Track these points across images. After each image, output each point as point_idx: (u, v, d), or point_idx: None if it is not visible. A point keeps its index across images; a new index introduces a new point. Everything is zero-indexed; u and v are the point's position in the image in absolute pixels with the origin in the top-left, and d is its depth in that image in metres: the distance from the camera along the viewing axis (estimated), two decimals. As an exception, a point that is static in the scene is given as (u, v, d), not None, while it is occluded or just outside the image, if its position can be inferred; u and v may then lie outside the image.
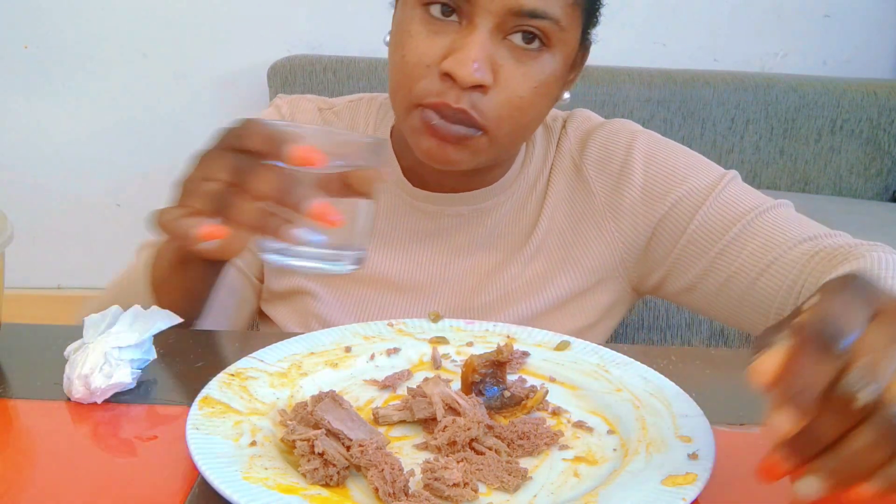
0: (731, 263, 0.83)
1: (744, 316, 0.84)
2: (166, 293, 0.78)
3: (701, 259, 0.85)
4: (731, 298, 0.84)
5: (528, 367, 0.69)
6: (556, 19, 0.75)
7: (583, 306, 0.90)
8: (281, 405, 0.61)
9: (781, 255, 0.81)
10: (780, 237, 0.82)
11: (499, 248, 0.90)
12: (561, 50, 0.78)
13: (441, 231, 0.89)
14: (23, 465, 0.56)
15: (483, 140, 0.77)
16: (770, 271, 0.81)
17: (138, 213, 2.66)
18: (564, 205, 0.90)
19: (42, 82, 2.28)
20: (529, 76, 0.76)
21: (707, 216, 0.84)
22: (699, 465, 0.53)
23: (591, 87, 2.12)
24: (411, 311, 0.89)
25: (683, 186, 0.86)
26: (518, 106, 0.77)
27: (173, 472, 0.54)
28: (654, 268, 0.89)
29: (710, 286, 0.85)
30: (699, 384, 0.66)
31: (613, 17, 2.25)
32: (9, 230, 0.67)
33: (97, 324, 0.66)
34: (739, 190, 0.86)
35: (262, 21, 2.27)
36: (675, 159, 0.88)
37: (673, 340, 1.52)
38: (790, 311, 0.79)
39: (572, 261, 0.89)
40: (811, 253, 0.80)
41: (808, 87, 2.18)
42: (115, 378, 0.63)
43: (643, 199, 0.87)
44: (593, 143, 0.90)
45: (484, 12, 0.73)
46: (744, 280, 0.82)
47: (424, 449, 0.58)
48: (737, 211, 0.84)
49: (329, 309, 0.90)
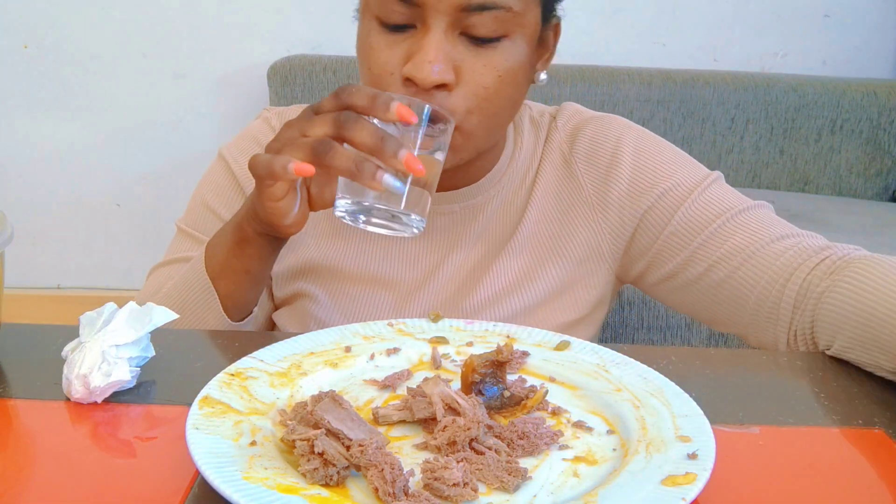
0: (711, 255, 0.85)
1: (720, 309, 0.86)
2: (228, 279, 0.80)
3: (682, 251, 0.87)
4: (708, 290, 0.86)
5: (527, 367, 0.69)
6: (507, 7, 0.76)
7: (574, 298, 0.91)
8: (281, 405, 0.61)
9: (760, 249, 0.83)
10: (760, 233, 0.84)
11: (490, 242, 0.91)
12: (520, 34, 0.78)
13: (434, 229, 0.90)
14: (22, 465, 0.56)
15: (456, 136, 0.78)
16: (749, 264, 0.83)
17: (138, 214, 2.65)
18: (552, 197, 0.91)
19: (42, 82, 2.28)
20: (491, 66, 0.77)
21: (690, 211, 0.87)
22: (699, 465, 0.53)
23: (591, 87, 2.12)
24: (406, 310, 0.90)
25: (669, 181, 0.88)
26: (485, 97, 0.78)
27: (173, 472, 0.54)
28: (638, 258, 0.91)
29: (688, 277, 0.87)
30: (699, 384, 0.66)
31: (613, 18, 2.25)
32: (9, 230, 0.67)
33: (93, 322, 0.66)
34: (722, 190, 0.89)
35: (262, 21, 2.27)
36: (663, 155, 0.90)
37: (673, 340, 1.52)
38: (767, 307, 0.80)
39: (560, 251, 0.91)
40: (790, 249, 0.82)
41: (808, 87, 2.19)
42: (114, 376, 0.63)
43: (630, 192, 0.89)
44: (583, 137, 0.91)
45: (435, 13, 0.75)
46: (722, 272, 0.84)
47: (424, 449, 0.58)
48: (719, 208, 0.86)
49: (325, 310, 0.91)
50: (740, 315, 0.84)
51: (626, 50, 2.29)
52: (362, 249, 0.91)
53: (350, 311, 0.91)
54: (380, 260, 0.91)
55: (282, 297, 0.94)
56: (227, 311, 0.81)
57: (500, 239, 0.91)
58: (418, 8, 0.75)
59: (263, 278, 0.83)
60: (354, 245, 0.91)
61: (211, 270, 0.81)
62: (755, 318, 0.83)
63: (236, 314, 0.83)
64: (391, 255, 0.91)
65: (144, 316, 0.66)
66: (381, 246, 0.91)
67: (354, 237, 0.91)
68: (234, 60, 2.29)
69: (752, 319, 0.83)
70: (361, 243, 0.91)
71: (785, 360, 0.74)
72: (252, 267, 0.80)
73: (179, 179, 2.31)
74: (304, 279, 0.92)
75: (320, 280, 0.92)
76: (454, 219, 0.90)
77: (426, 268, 0.91)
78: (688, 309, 0.90)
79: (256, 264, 0.80)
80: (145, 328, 0.66)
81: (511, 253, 0.90)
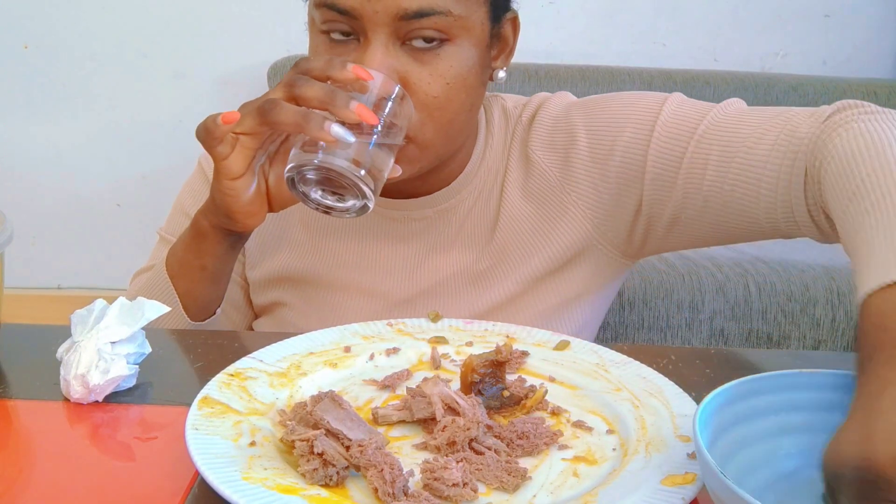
0: (701, 183, 0.79)
1: (733, 228, 0.80)
2: (185, 276, 0.81)
3: (672, 190, 0.82)
4: (716, 216, 0.80)
5: (527, 366, 0.69)
6: (445, 12, 0.74)
7: (558, 282, 0.88)
8: (280, 405, 0.61)
9: (746, 159, 0.77)
10: (736, 140, 0.78)
11: (467, 243, 0.89)
12: (466, 38, 0.77)
13: (410, 234, 0.89)
14: (22, 465, 0.56)
15: (411, 148, 0.77)
16: (742, 179, 0.77)
17: (138, 214, 2.65)
18: (520, 191, 0.89)
19: (42, 82, 2.28)
20: (437, 74, 0.76)
21: (659, 147, 0.81)
22: (699, 464, 0.53)
23: (591, 87, 2.12)
24: (385, 316, 0.88)
25: (626, 133, 0.83)
26: (435, 106, 0.76)
27: (173, 473, 0.54)
28: (633, 219, 0.86)
29: (691, 213, 0.82)
30: (699, 384, 0.66)
31: (613, 18, 2.26)
32: (9, 230, 0.67)
33: (84, 320, 0.66)
34: (681, 109, 0.83)
35: (262, 21, 2.27)
36: (612, 110, 0.85)
37: (673, 340, 1.52)
38: (781, 212, 0.73)
39: (542, 244, 0.88)
40: (778, 150, 0.75)
41: (808, 87, 2.18)
42: (112, 373, 0.63)
43: (593, 162, 0.85)
44: (537, 126, 0.89)
45: (373, 25, 0.74)
46: (720, 195, 0.79)
47: (424, 449, 0.58)
48: (685, 129, 0.81)
49: (303, 318, 0.90)
50: (758, 227, 0.78)
51: (626, 50, 2.28)
52: (338, 258, 0.90)
53: (328, 320, 0.89)
54: (356, 267, 0.90)
55: (260, 305, 0.95)
56: (186, 309, 0.82)
57: (477, 239, 0.89)
58: (357, 20, 0.74)
59: (221, 277, 0.83)
60: (330, 254, 0.90)
61: (170, 268, 0.82)
62: (775, 226, 0.77)
63: (197, 313, 0.83)
64: (367, 263, 0.90)
65: (136, 311, 0.66)
66: (357, 253, 0.90)
67: (330, 246, 0.90)
68: (234, 60, 2.29)
69: (773, 227, 0.77)
70: (337, 252, 0.90)
71: (785, 359, 0.74)
72: (208, 263, 0.80)
73: (180, 179, 2.29)
74: (280, 288, 0.92)
75: (296, 289, 0.91)
76: (428, 223, 0.89)
77: (404, 273, 0.89)
78: (705, 242, 0.85)
79: (212, 261, 0.80)
80: (138, 323, 0.66)
81: (491, 252, 0.89)
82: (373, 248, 0.90)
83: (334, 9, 0.74)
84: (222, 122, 0.71)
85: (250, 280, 0.94)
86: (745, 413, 0.53)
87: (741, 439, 0.53)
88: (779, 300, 1.54)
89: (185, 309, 0.82)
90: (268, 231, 0.92)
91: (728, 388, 0.52)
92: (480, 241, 0.89)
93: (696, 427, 0.48)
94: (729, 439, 0.52)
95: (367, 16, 0.73)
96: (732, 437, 0.52)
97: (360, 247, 0.90)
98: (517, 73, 2.00)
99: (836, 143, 0.68)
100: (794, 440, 0.54)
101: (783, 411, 0.54)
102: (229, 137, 0.72)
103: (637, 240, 0.87)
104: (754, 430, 0.53)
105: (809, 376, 0.55)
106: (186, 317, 0.83)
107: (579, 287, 0.89)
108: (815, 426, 0.53)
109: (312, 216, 0.91)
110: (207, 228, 0.78)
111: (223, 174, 0.73)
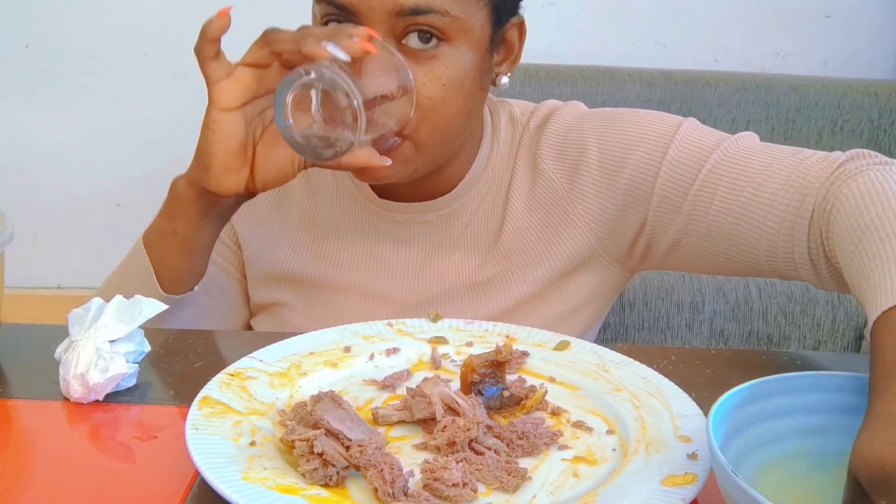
0: (707, 212, 0.80)
1: (731, 261, 0.81)
2: (157, 243, 0.81)
3: (677, 215, 0.82)
4: (717, 247, 0.81)
5: (527, 367, 0.69)
6: (443, 11, 0.74)
7: (561, 291, 0.88)
8: (280, 405, 0.61)
9: (754, 195, 0.77)
10: (747, 174, 0.78)
11: (471, 247, 0.89)
12: (464, 40, 0.76)
13: (412, 237, 0.89)
14: (22, 465, 0.56)
15: (407, 147, 0.77)
16: (747, 215, 0.77)
17: (139, 213, 2.65)
18: (526, 199, 0.88)
19: (42, 82, 2.28)
20: (433, 76, 0.75)
21: (670, 170, 0.82)
22: (699, 465, 0.53)
23: (591, 87, 2.12)
24: (384, 318, 0.88)
25: (638, 151, 0.83)
26: (431, 107, 0.76)
27: (173, 472, 0.54)
28: (635, 236, 0.86)
29: (693, 239, 0.82)
30: (699, 384, 0.66)
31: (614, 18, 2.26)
32: (9, 230, 0.67)
33: (81, 319, 0.66)
34: (695, 135, 0.83)
35: (261, 21, 2.27)
36: (626, 126, 0.86)
37: (673, 341, 1.52)
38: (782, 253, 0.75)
39: (546, 253, 0.88)
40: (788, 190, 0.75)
41: (808, 88, 2.18)
42: (112, 371, 0.63)
43: (602, 175, 0.85)
44: (547, 134, 0.88)
45: (370, 21, 0.74)
46: (724, 227, 0.79)
47: (424, 449, 0.58)
48: (698, 157, 0.81)
49: (305, 319, 0.90)
50: (756, 265, 0.79)
51: (626, 50, 2.28)
52: (339, 258, 0.90)
53: (328, 321, 0.89)
54: (356, 269, 0.89)
55: (258, 303, 0.94)
56: (159, 280, 0.80)
57: (481, 245, 0.89)
58: (355, 16, 0.74)
59: (193, 247, 0.81)
60: (331, 254, 0.90)
61: (146, 235, 0.83)
62: (773, 266, 0.78)
63: (169, 285, 0.81)
64: (368, 264, 0.89)
65: (134, 309, 0.66)
66: (358, 255, 0.90)
67: (330, 246, 0.90)
68: (235, 60, 2.29)
69: (771, 267, 0.78)
70: (338, 252, 0.90)
71: (785, 359, 0.74)
72: (179, 228, 0.80)
73: (180, 179, 2.30)
74: (280, 288, 0.92)
75: (297, 289, 0.91)
76: (431, 227, 0.88)
77: (406, 276, 0.89)
78: (702, 268, 0.86)
79: (184, 226, 0.80)
80: (136, 321, 0.65)
81: (494, 258, 0.88)
82: (374, 249, 0.90)
83: (333, 3, 0.76)
84: (216, 16, 0.74)
85: (249, 277, 0.94)
86: (759, 414, 0.53)
87: (755, 440, 0.53)
88: (779, 301, 1.54)
89: (158, 280, 0.80)
90: (268, 230, 0.92)
91: (743, 388, 0.52)
92: (484, 247, 0.89)
93: (710, 428, 0.48)
94: (742, 440, 0.52)
95: (363, 11, 0.74)
96: (746, 437, 0.52)
97: (360, 248, 0.90)
98: (518, 74, 1.99)
99: (847, 191, 0.70)
100: (810, 442, 0.54)
101: (799, 413, 0.54)
102: (224, 60, 0.75)
103: (637, 256, 0.88)
104: (769, 432, 0.53)
105: (826, 378, 0.55)
106: (159, 287, 0.80)
107: (581, 297, 0.89)
108: (830, 428, 0.53)
109: (313, 216, 0.91)
110: (183, 187, 0.79)
111: (214, 101, 0.75)
